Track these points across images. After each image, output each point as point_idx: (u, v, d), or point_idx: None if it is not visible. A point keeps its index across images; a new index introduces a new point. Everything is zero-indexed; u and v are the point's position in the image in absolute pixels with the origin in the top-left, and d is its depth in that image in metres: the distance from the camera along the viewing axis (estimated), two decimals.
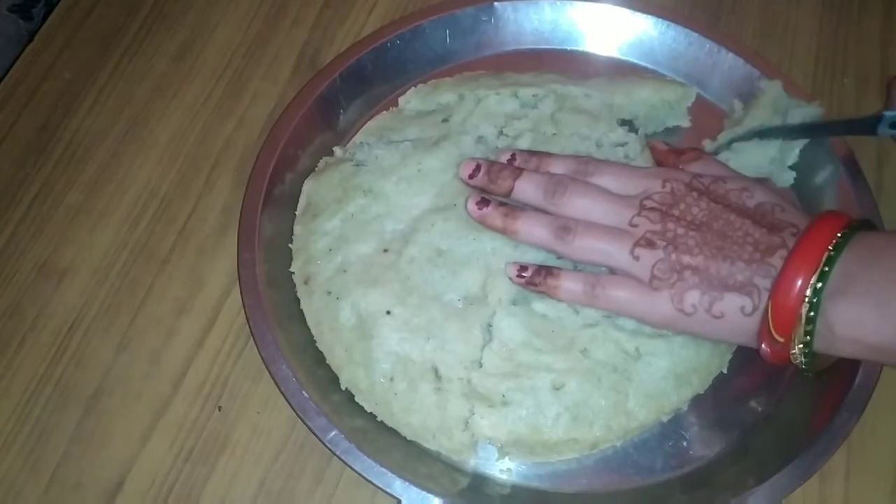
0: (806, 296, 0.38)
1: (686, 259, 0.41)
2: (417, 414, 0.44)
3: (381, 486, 0.42)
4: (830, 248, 0.38)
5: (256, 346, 0.46)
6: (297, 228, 0.50)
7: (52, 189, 0.55)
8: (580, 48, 0.59)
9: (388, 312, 0.45)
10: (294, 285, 0.49)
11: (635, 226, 0.43)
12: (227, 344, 0.50)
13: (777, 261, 0.40)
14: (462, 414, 0.44)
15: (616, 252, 0.43)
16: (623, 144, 0.51)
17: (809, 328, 0.38)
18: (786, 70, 0.59)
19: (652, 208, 0.43)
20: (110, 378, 0.48)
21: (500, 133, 0.52)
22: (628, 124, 0.53)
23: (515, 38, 0.59)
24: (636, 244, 0.43)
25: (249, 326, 0.46)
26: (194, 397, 0.48)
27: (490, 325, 0.45)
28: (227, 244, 0.52)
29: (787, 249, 0.40)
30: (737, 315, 0.40)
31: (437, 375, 0.44)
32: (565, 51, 0.59)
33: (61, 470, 0.46)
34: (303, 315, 0.48)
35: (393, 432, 0.45)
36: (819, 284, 0.38)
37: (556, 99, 0.53)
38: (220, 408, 0.48)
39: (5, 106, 0.58)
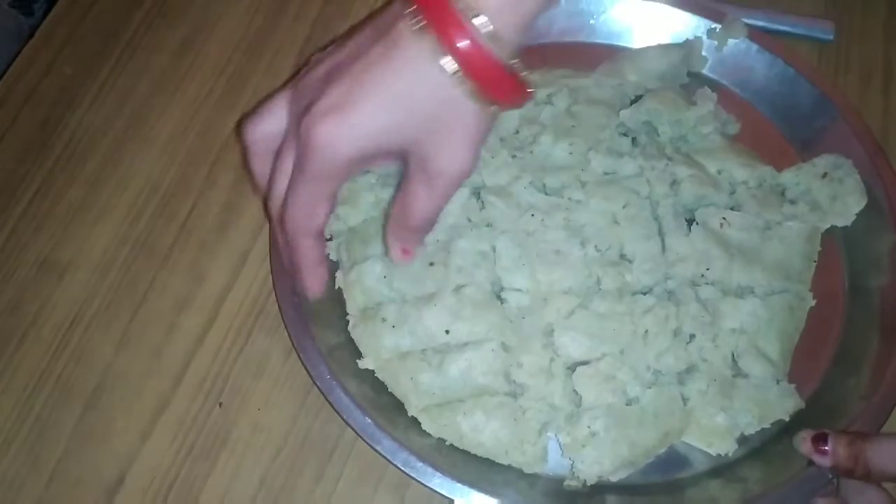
0: None
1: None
2: (489, 433, 0.43)
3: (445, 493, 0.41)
4: None
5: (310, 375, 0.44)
6: (338, 277, 0.49)
7: (52, 185, 0.54)
8: (580, 39, 0.59)
9: (447, 332, 0.45)
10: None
11: None
12: (227, 340, 0.49)
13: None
14: (534, 428, 0.43)
15: None
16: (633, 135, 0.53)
17: None
18: None
19: None
20: (111, 374, 0.48)
21: (516, 131, 0.53)
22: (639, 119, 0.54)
23: None
24: None
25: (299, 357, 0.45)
26: (195, 394, 0.48)
27: (552, 331, 0.45)
28: (229, 240, 0.52)
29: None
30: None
31: (505, 391, 0.44)
32: (566, 44, 0.58)
33: (62, 466, 0.46)
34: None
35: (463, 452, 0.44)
36: None
37: (569, 93, 0.54)
38: (220, 404, 0.48)
39: (6, 102, 0.58)
